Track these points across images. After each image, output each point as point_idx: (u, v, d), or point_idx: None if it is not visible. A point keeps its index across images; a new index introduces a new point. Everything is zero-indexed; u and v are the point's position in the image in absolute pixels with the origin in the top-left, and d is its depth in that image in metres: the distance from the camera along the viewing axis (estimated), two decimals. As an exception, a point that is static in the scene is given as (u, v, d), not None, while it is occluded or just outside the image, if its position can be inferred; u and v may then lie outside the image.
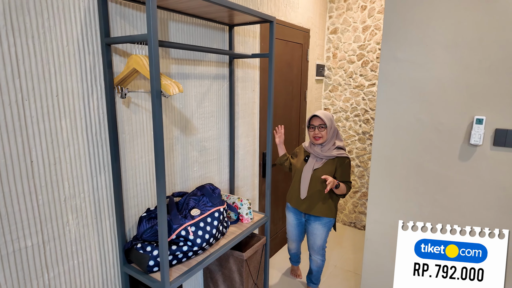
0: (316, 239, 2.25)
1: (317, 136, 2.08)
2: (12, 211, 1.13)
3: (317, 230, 2.21)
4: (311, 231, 2.25)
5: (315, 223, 2.20)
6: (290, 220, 2.34)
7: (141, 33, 1.47)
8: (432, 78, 1.60)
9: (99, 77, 1.33)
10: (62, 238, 1.29)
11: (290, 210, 2.32)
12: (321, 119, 2.05)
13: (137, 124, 1.52)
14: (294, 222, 2.32)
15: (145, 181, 1.60)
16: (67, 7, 1.19)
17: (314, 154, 2.13)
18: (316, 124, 2.08)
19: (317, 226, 2.20)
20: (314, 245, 2.28)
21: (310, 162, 2.13)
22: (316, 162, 2.12)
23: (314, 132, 2.09)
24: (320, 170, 2.10)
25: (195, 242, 1.46)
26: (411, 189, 1.74)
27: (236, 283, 1.93)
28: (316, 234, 2.23)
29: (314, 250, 2.30)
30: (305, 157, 2.19)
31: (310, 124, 2.12)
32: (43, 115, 1.18)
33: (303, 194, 2.14)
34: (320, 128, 2.07)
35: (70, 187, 1.29)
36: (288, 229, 2.39)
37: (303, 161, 2.19)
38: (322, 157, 2.10)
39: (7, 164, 1.10)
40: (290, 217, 2.34)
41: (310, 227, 2.24)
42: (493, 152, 1.50)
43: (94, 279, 1.44)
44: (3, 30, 1.04)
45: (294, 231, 2.36)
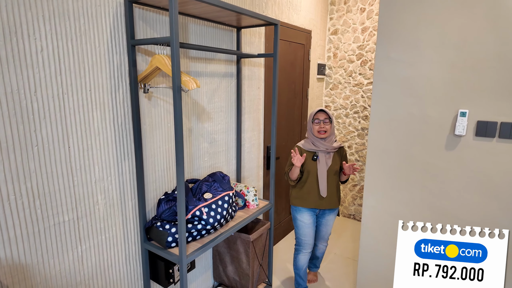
0: (328, 228, 2.33)
1: (322, 130, 2.12)
2: (53, 190, 1.31)
3: (330, 221, 2.30)
4: (325, 223, 2.29)
5: (329, 214, 2.27)
6: (306, 221, 2.24)
7: (160, 34, 1.65)
8: (421, 76, 1.77)
9: (125, 74, 1.51)
10: (93, 215, 1.47)
11: (304, 211, 2.23)
12: (326, 114, 2.12)
13: (156, 116, 1.70)
14: (310, 221, 2.24)
15: (162, 168, 1.78)
16: (99, 14, 1.37)
17: (323, 150, 2.13)
18: (322, 118, 2.13)
19: (331, 217, 2.29)
20: (326, 234, 2.35)
21: (322, 159, 2.13)
22: (327, 158, 2.14)
23: (319, 126, 2.12)
24: (332, 165, 2.15)
25: (208, 221, 1.64)
26: (403, 177, 1.91)
27: (243, 263, 2.10)
28: (329, 224, 2.31)
29: (325, 239, 2.38)
30: (314, 157, 2.15)
31: (315, 119, 2.14)
32: (79, 107, 1.36)
33: (324, 193, 2.13)
34: (325, 122, 2.12)
35: (99, 170, 1.47)
36: (304, 232, 2.26)
37: (312, 161, 2.15)
38: (331, 150, 2.14)
39: (50, 149, 1.28)
40: (305, 218, 2.23)
41: (324, 220, 2.28)
42: (475, 141, 1.67)
43: (119, 254, 1.62)
44: (49, 34, 1.22)
45: (310, 232, 2.27)
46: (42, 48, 1.21)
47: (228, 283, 2.24)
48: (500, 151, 1.61)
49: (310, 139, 2.19)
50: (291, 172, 2.13)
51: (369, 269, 2.14)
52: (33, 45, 1.18)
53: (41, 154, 1.26)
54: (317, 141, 2.16)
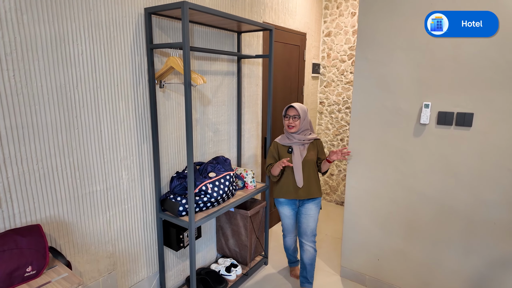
0: (309, 220, 2.25)
1: (291, 125, 2.18)
2: (89, 164, 1.64)
3: (311, 211, 2.24)
4: (305, 213, 2.26)
5: (309, 204, 2.24)
6: (286, 213, 2.32)
7: (173, 38, 1.98)
8: (393, 74, 2.08)
9: (145, 72, 1.84)
10: (118, 187, 1.81)
11: (285, 203, 2.30)
12: (296, 110, 2.16)
13: (169, 108, 2.03)
14: (290, 213, 2.32)
15: (174, 151, 2.11)
16: (125, 23, 1.70)
17: (297, 143, 2.20)
18: (291, 114, 2.18)
19: (311, 207, 2.24)
20: (308, 228, 2.26)
21: (297, 151, 2.19)
22: (301, 149, 2.20)
23: (288, 121, 2.19)
24: (307, 156, 2.20)
25: (212, 195, 1.97)
26: (379, 161, 2.22)
27: (242, 236, 2.43)
28: (310, 215, 2.25)
29: (308, 235, 2.27)
30: (288, 149, 2.22)
31: (286, 114, 2.22)
32: (109, 98, 1.69)
33: (300, 183, 2.17)
34: (294, 118, 2.17)
35: (124, 151, 1.80)
36: (285, 222, 2.37)
37: (288, 154, 2.22)
38: (305, 142, 2.21)
39: (87, 131, 1.61)
40: (285, 210, 2.32)
41: (304, 209, 2.26)
42: (437, 129, 1.98)
43: (138, 221, 1.95)
44: (87, 40, 1.55)
45: (291, 222, 2.36)
46: (82, 51, 1.54)
47: (229, 254, 2.57)
48: (457, 136, 1.92)
49: (285, 133, 2.28)
50: (273, 169, 2.19)
51: (351, 240, 2.46)
52: (76, 49, 1.52)
53: (80, 135, 1.59)
54: (290, 135, 2.23)
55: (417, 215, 2.13)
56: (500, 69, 1.75)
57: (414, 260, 2.20)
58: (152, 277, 2.09)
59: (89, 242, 1.70)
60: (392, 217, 2.24)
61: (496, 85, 1.77)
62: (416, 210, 2.13)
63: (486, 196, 1.88)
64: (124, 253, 1.90)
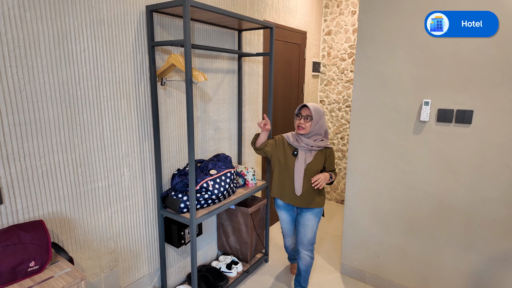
0: (307, 231, 2.13)
1: (301, 126, 2.01)
2: (91, 161, 1.65)
3: (309, 221, 2.11)
4: (302, 223, 2.13)
5: (307, 213, 2.11)
6: (284, 217, 2.24)
7: (174, 36, 1.99)
8: (393, 71, 2.09)
9: (146, 69, 1.85)
10: (120, 184, 1.82)
11: (282, 207, 2.20)
12: (309, 111, 1.98)
13: (170, 105, 2.04)
14: (288, 219, 2.23)
15: (175, 149, 2.12)
16: (127, 21, 1.71)
17: (303, 147, 2.03)
18: (304, 114, 2.01)
19: (309, 217, 2.11)
20: (305, 238, 2.15)
21: (301, 156, 2.02)
22: (306, 155, 2.02)
23: (299, 121, 2.02)
24: (312, 163, 2.01)
25: (213, 192, 1.98)
26: (379, 158, 2.23)
27: (243, 233, 2.44)
28: (308, 225, 2.12)
29: (304, 244, 2.16)
30: (294, 152, 2.06)
31: (299, 113, 2.04)
32: (110, 96, 1.70)
33: (298, 191, 2.03)
34: (305, 119, 2.00)
35: (125, 148, 1.81)
36: (283, 226, 2.31)
37: (292, 156, 2.05)
38: (313, 148, 2.02)
39: (89, 128, 1.62)
40: (283, 214, 2.23)
41: (302, 219, 2.13)
42: (436, 126, 1.99)
43: (139, 218, 1.96)
44: (90, 38, 1.56)
45: (289, 227, 2.28)
46: (84, 48, 1.55)
47: (230, 251, 2.59)
48: (456, 133, 1.93)
49: (295, 134, 2.11)
50: (257, 140, 2.13)
51: (351, 237, 2.47)
52: (78, 46, 1.53)
53: (83, 132, 1.60)
54: (299, 137, 2.06)
55: (417, 212, 2.14)
56: (500, 66, 1.76)
57: (413, 257, 2.21)
58: (154, 274, 2.10)
59: (91, 238, 1.71)
60: (392, 214, 2.25)
61: (496, 82, 1.79)
62: (416, 207, 2.14)
63: (485, 193, 1.90)
64: (126, 250, 1.91)
